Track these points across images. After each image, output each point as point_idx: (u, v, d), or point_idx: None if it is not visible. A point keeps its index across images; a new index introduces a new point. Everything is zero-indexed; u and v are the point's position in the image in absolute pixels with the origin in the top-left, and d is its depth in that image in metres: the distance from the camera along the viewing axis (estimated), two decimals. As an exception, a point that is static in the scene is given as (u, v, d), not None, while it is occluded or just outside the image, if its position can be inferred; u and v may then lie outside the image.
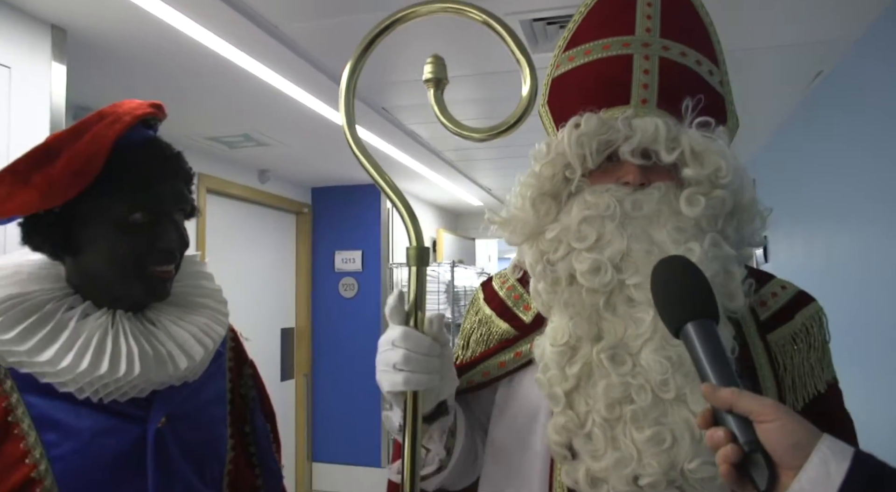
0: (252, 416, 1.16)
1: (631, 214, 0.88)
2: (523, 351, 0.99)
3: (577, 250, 0.89)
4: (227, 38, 2.18)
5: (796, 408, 0.92)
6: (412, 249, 0.85)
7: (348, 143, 0.90)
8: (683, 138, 0.89)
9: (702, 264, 0.82)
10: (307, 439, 5.03)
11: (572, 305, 0.89)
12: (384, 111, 3.10)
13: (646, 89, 0.93)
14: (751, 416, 0.64)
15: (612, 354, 0.86)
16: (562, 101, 1.01)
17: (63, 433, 0.89)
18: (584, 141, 0.90)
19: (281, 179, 4.69)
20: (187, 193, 1.02)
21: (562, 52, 1.03)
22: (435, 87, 0.89)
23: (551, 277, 0.92)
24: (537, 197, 0.94)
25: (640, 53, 0.95)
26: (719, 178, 0.88)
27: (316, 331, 5.11)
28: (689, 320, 0.71)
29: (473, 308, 1.12)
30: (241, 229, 4.40)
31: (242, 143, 3.62)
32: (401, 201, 0.87)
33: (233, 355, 1.15)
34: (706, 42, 1.01)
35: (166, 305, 1.03)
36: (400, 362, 0.82)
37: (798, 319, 0.96)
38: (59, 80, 2.07)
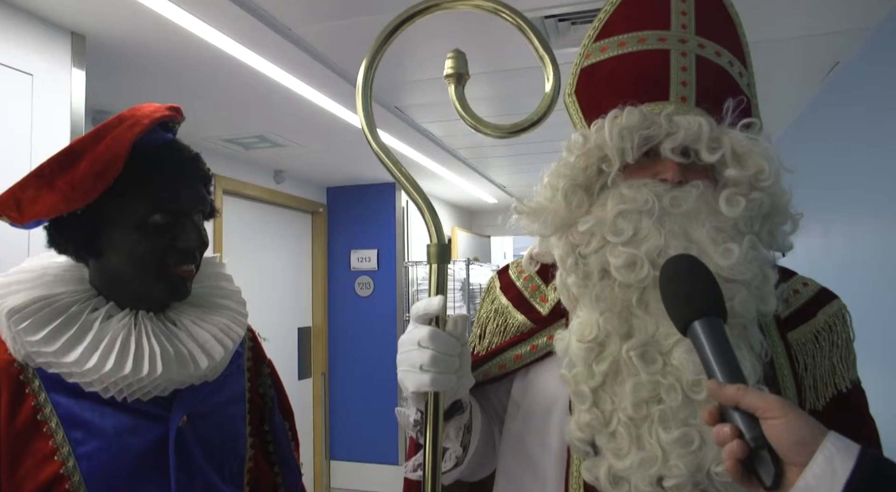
0: (270, 414, 1.18)
1: (669, 210, 0.86)
2: (539, 344, 0.99)
3: (613, 244, 0.86)
4: (242, 41, 2.21)
5: (816, 408, 0.91)
6: (433, 246, 0.85)
7: (366, 138, 0.90)
8: (725, 139, 0.88)
9: (741, 266, 0.82)
10: (325, 438, 5.06)
11: (604, 300, 0.87)
12: (398, 110, 3.12)
13: (684, 87, 0.92)
14: (756, 412, 0.64)
15: (643, 351, 0.84)
16: (593, 92, 0.99)
17: (89, 432, 0.92)
18: (625, 134, 0.88)
19: (296, 180, 4.72)
20: (206, 194, 1.04)
21: (592, 42, 1.01)
22: (456, 83, 0.89)
23: (583, 270, 0.89)
24: (570, 188, 0.92)
25: (676, 50, 0.93)
26: (760, 180, 0.87)
27: (332, 330, 5.14)
28: (697, 318, 0.71)
29: (489, 296, 1.11)
30: (258, 230, 4.43)
31: (258, 144, 3.66)
32: (420, 197, 0.87)
33: (251, 355, 1.18)
34: (737, 42, 1.00)
35: (187, 305, 1.06)
36: (427, 364, 0.81)
37: (821, 317, 0.95)
38: (79, 86, 2.11)
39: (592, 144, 0.91)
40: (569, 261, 0.91)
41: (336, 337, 5.12)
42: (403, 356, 0.84)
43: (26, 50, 1.94)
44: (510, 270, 1.11)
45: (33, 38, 1.97)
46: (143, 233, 0.96)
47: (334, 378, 5.10)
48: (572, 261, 0.91)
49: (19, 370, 0.93)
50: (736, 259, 0.82)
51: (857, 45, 2.39)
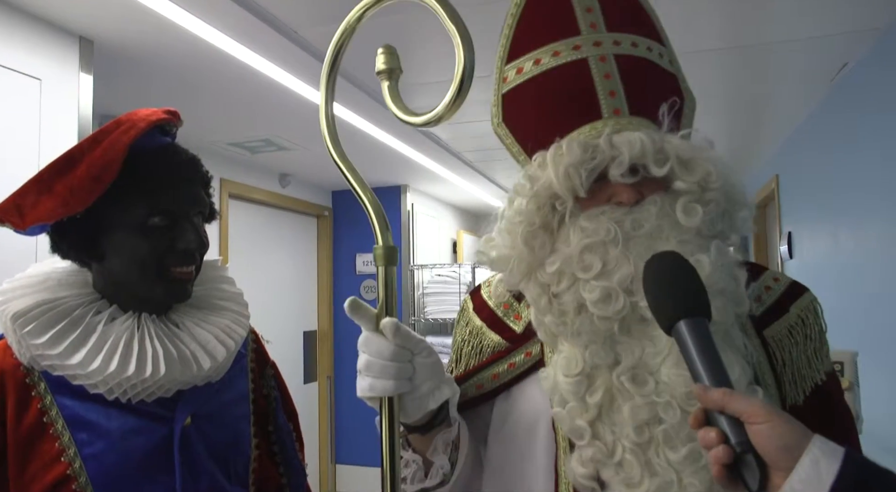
0: (274, 415, 1.18)
1: (632, 234, 0.84)
2: (517, 361, 0.97)
3: (584, 280, 0.84)
4: (247, 44, 2.22)
5: (798, 402, 0.91)
6: (378, 248, 0.83)
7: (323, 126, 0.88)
8: (668, 147, 0.86)
9: (713, 276, 0.81)
10: (330, 441, 5.06)
11: (585, 334, 0.85)
12: (403, 114, 3.12)
13: (613, 98, 0.89)
14: (741, 417, 0.64)
15: (633, 375, 0.82)
16: (523, 119, 0.95)
17: (94, 433, 0.93)
18: (571, 172, 0.85)
19: (302, 183, 4.73)
20: (205, 196, 1.05)
21: (504, 65, 0.97)
22: (388, 78, 0.87)
23: (558, 309, 0.87)
24: (528, 233, 0.89)
25: (594, 56, 0.90)
26: (709, 183, 0.86)
27: (338, 333, 5.14)
28: (682, 318, 0.70)
29: (463, 319, 1.09)
30: (263, 233, 4.44)
31: (264, 148, 3.67)
32: (364, 193, 0.85)
33: (254, 357, 1.18)
34: (647, 22, 0.96)
35: (189, 307, 1.06)
36: (363, 368, 0.81)
37: (793, 311, 0.94)
38: (87, 91, 2.12)
39: (540, 185, 0.88)
40: (542, 301, 0.89)
41: (341, 341, 5.12)
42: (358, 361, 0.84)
43: (34, 54, 1.96)
44: (482, 290, 1.09)
45: (41, 43, 1.98)
46: (142, 235, 0.97)
47: (340, 382, 5.10)
48: (545, 301, 0.89)
49: (25, 373, 0.94)
50: (708, 270, 0.81)
51: (865, 46, 2.38)
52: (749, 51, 2.37)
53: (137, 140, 0.95)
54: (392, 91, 0.88)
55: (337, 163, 0.89)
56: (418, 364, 0.83)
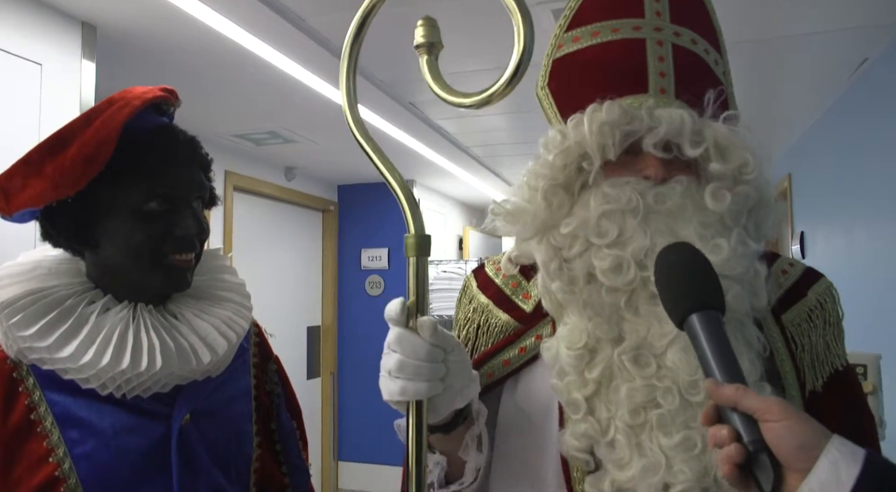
0: (277, 413, 1.13)
1: (654, 208, 0.82)
2: (527, 345, 0.93)
3: (597, 247, 0.83)
4: (255, 33, 2.17)
5: (817, 388, 0.88)
6: (410, 237, 0.78)
7: (345, 116, 0.83)
8: (707, 132, 0.84)
9: (731, 261, 0.79)
10: (333, 438, 5.03)
11: (591, 306, 0.83)
12: (412, 106, 3.07)
13: (663, 78, 0.88)
14: (755, 414, 0.61)
15: (635, 355, 0.80)
16: (567, 85, 0.95)
17: (86, 431, 0.87)
18: (605, 130, 0.84)
19: (307, 177, 4.69)
20: (205, 180, 0.99)
21: (563, 32, 0.96)
22: (428, 53, 0.82)
23: (567, 275, 0.85)
24: (550, 188, 0.87)
25: (652, 38, 0.89)
26: (744, 173, 0.84)
27: (342, 329, 5.11)
28: (695, 311, 0.68)
29: (466, 297, 1.06)
30: (268, 227, 4.41)
31: (269, 140, 3.62)
32: (396, 181, 0.80)
33: (257, 351, 1.13)
34: (710, 29, 0.96)
35: (188, 297, 1.01)
36: (395, 369, 0.75)
37: (811, 296, 0.92)
38: (89, 77, 2.07)
39: (572, 141, 0.86)
40: (552, 266, 0.87)
41: (345, 337, 5.09)
42: (382, 361, 0.79)
43: (35, 39, 1.91)
44: (486, 267, 1.06)
45: (43, 28, 1.93)
46: (138, 221, 0.91)
47: (343, 378, 5.07)
48: (556, 265, 0.86)
49: (12, 367, 0.88)
50: (726, 255, 0.79)
51: (886, 41, 2.32)
52: (762, 45, 2.31)
53: (132, 120, 0.89)
54: (432, 67, 0.84)
55: (361, 143, 0.84)
56: (451, 363, 0.79)
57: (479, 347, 1.00)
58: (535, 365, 0.93)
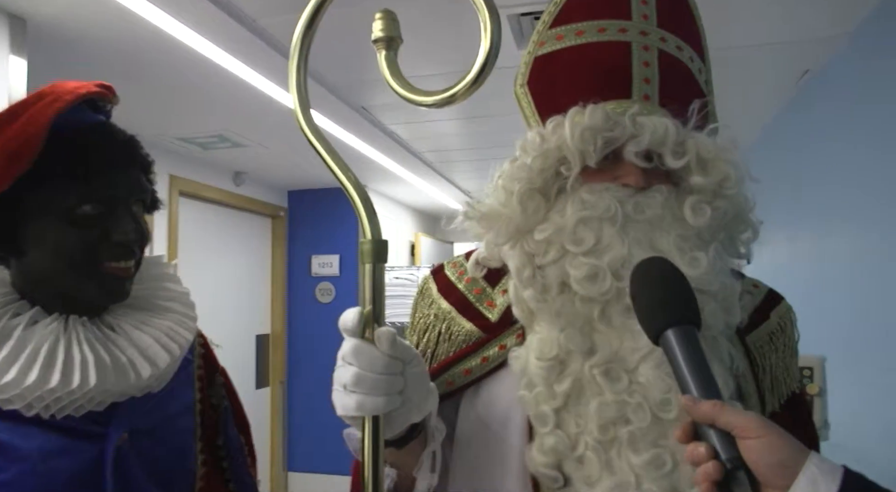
0: (224, 427, 1.07)
1: (633, 217, 0.80)
2: (490, 355, 0.90)
3: (573, 254, 0.80)
4: (201, 32, 2.09)
5: (775, 409, 0.89)
6: (366, 242, 0.74)
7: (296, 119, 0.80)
8: (690, 143, 0.82)
9: (708, 276, 0.78)
10: (283, 448, 4.91)
11: (563, 315, 0.80)
12: (364, 110, 3.02)
13: (647, 84, 0.86)
14: (733, 431, 0.60)
15: (607, 369, 0.78)
16: (547, 84, 0.92)
17: (9, 457, 0.80)
18: (587, 136, 0.81)
19: (256, 182, 4.57)
20: (145, 181, 0.93)
21: (547, 29, 0.93)
22: (386, 48, 0.79)
23: (541, 283, 0.83)
24: (526, 192, 0.84)
25: (638, 43, 0.87)
26: (724, 188, 0.82)
27: (291, 337, 5.00)
28: (671, 326, 0.66)
29: (424, 300, 1.01)
30: (215, 233, 4.28)
31: (217, 144, 3.51)
32: (351, 183, 0.76)
33: (202, 363, 1.06)
34: (696, 36, 0.95)
35: (127, 308, 0.94)
36: (351, 383, 0.71)
37: (774, 318, 0.93)
38: (19, 75, 1.96)
39: (551, 144, 0.84)
40: (525, 272, 0.84)
41: (295, 345, 4.99)
42: (335, 373, 0.74)
43: (-40, 33, 1.79)
44: (446, 270, 1.02)
45: (-32, 20, 1.82)
46: (70, 226, 0.84)
47: (293, 387, 4.96)
48: (529, 273, 0.84)
49: None
50: (704, 269, 0.77)
51: (827, 53, 2.39)
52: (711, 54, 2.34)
53: (65, 116, 0.83)
54: (391, 63, 0.80)
55: (311, 141, 0.80)
56: (410, 375, 0.75)
57: (440, 355, 0.96)
58: (497, 375, 0.90)
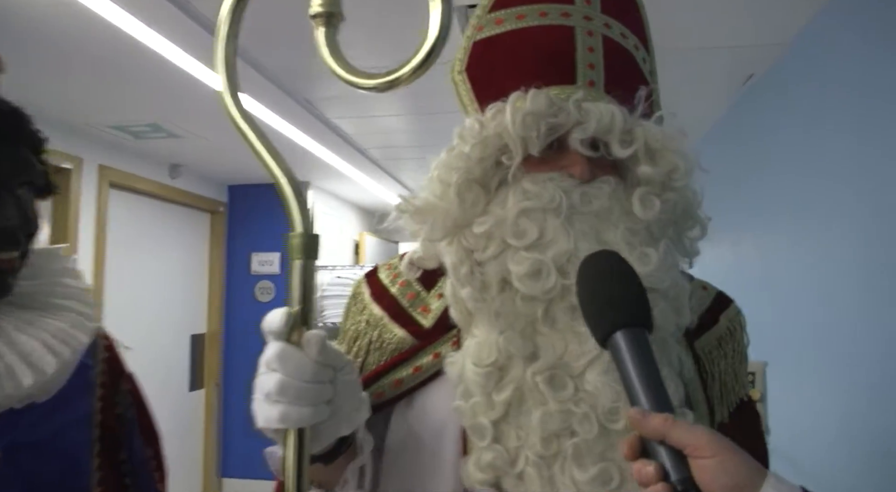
0: (129, 440, 0.97)
1: (579, 208, 0.75)
2: (423, 364, 0.84)
3: (514, 249, 0.74)
4: (131, 11, 1.96)
5: (724, 419, 0.86)
6: (296, 236, 0.67)
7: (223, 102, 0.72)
8: (638, 132, 0.78)
9: (659, 273, 0.73)
10: (217, 453, 4.74)
11: (503, 316, 0.74)
12: (307, 103, 2.91)
13: (592, 70, 0.81)
14: (685, 450, 0.55)
15: (551, 375, 0.72)
16: (487, 70, 0.86)
17: None
18: (529, 122, 0.75)
19: (194, 175, 4.40)
20: (33, 161, 0.82)
21: (486, 12, 0.88)
22: (326, 24, 0.72)
23: (480, 280, 0.77)
24: (464, 183, 0.78)
25: (582, 27, 0.82)
26: (673, 179, 0.78)
27: (228, 337, 4.84)
28: (620, 328, 0.60)
29: (356, 305, 0.94)
30: (149, 228, 4.10)
31: (150, 133, 3.35)
32: (280, 168, 0.70)
33: (105, 368, 0.95)
34: (640, 24, 0.91)
35: (10, 306, 0.83)
36: (274, 392, 0.64)
37: (723, 322, 0.89)
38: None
39: (491, 131, 0.78)
40: (462, 269, 0.78)
41: (232, 345, 4.83)
42: (257, 381, 0.67)
43: None
44: (380, 273, 0.95)
45: None
46: None
47: (228, 389, 4.79)
48: (467, 269, 0.77)
49: None
50: (654, 266, 0.73)
51: (771, 59, 2.42)
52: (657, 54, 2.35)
53: None
54: (330, 41, 0.73)
55: (235, 121, 0.72)
56: (340, 384, 0.68)
57: (371, 364, 0.89)
58: (431, 385, 0.83)
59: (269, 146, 0.72)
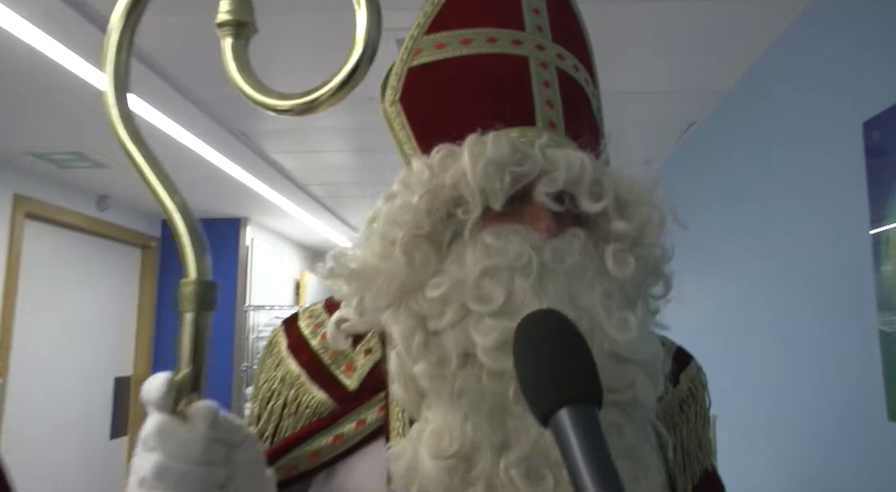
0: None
1: (551, 266, 0.64)
2: (345, 434, 0.71)
3: (478, 315, 0.63)
4: (52, 33, 1.84)
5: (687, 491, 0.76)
6: (188, 283, 0.57)
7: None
8: (607, 182, 0.68)
9: (640, 342, 0.62)
10: (138, 506, 4.42)
11: (467, 396, 0.61)
12: (243, 136, 2.80)
13: (550, 109, 0.72)
14: None
15: (527, 468, 0.59)
16: (427, 103, 0.76)
17: None
18: (491, 171, 0.64)
19: (125, 208, 4.19)
20: None
21: (423, 34, 0.77)
22: (234, 35, 0.64)
23: (436, 354, 0.64)
24: (411, 240, 0.66)
25: (535, 58, 0.73)
26: (645, 235, 0.69)
27: (158, 380, 4.58)
28: (565, 405, 0.49)
29: (272, 359, 0.81)
30: (73, 263, 3.86)
31: (75, 162, 3.16)
32: (177, 208, 0.61)
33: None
34: (588, 56, 0.82)
35: None
36: (151, 477, 0.53)
37: (683, 383, 0.79)
38: None
39: (445, 181, 0.66)
40: (414, 341, 0.65)
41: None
42: (133, 461, 0.56)
43: None
44: (300, 321, 0.82)
45: None
46: None
47: (154, 436, 4.51)
48: (419, 341, 0.64)
49: None
50: (635, 333, 0.62)
51: (711, 107, 2.45)
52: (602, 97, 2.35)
53: None
54: (238, 55, 0.64)
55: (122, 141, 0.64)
56: (238, 464, 0.57)
57: (284, 430, 0.76)
58: (354, 457, 0.71)
59: (159, 172, 0.62)
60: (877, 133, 1.40)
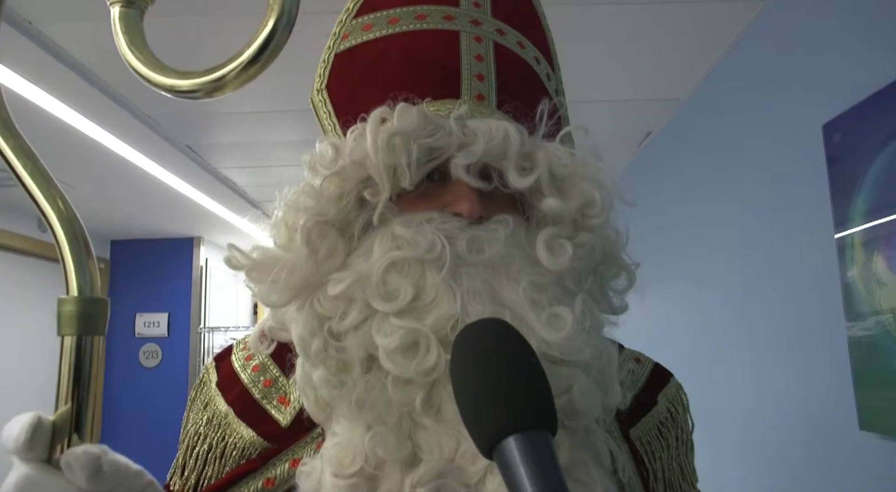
0: None
1: (467, 258, 0.57)
2: (277, 476, 0.63)
3: (381, 315, 0.56)
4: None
5: None
6: (69, 302, 0.48)
7: None
8: (540, 156, 0.61)
9: (576, 341, 0.55)
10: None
11: (371, 407, 0.55)
12: (189, 150, 2.68)
13: (481, 81, 0.66)
14: None
15: (438, 487, 0.52)
16: (352, 87, 0.70)
17: None
18: (398, 144, 0.58)
19: (69, 229, 4.01)
20: None
21: (352, 18, 0.72)
22: (125, 4, 0.56)
23: (336, 359, 0.57)
24: (315, 227, 0.60)
25: (468, 33, 0.68)
26: (587, 216, 0.61)
27: (108, 407, 4.39)
28: (512, 433, 0.42)
29: (200, 398, 0.73)
30: (12, 286, 3.69)
31: (10, 181, 2.99)
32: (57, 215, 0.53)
33: None
34: (542, 37, 0.77)
35: None
36: None
37: (662, 403, 0.72)
38: None
39: (349, 159, 0.60)
40: (313, 345, 0.58)
41: (112, 415, 4.38)
42: None
43: None
44: (234, 355, 0.74)
45: None
46: None
47: (103, 467, 4.31)
48: (319, 344, 0.58)
49: None
50: (569, 331, 0.55)
51: (667, 116, 2.43)
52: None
53: None
54: (130, 27, 0.56)
55: None
56: None
57: (209, 478, 0.67)
58: None
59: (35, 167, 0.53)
60: (837, 135, 1.37)
